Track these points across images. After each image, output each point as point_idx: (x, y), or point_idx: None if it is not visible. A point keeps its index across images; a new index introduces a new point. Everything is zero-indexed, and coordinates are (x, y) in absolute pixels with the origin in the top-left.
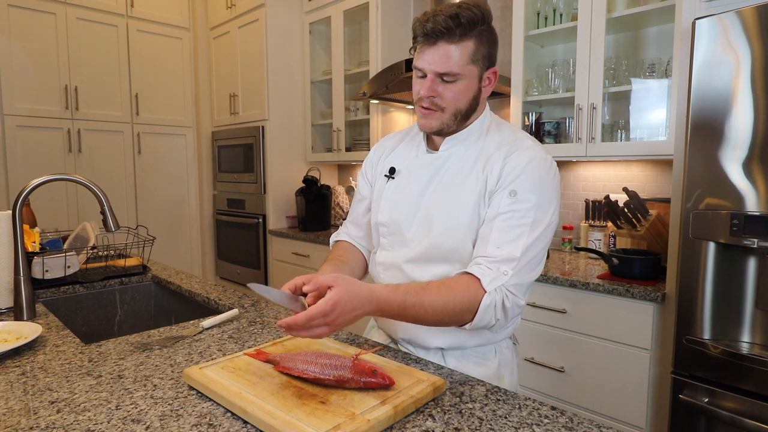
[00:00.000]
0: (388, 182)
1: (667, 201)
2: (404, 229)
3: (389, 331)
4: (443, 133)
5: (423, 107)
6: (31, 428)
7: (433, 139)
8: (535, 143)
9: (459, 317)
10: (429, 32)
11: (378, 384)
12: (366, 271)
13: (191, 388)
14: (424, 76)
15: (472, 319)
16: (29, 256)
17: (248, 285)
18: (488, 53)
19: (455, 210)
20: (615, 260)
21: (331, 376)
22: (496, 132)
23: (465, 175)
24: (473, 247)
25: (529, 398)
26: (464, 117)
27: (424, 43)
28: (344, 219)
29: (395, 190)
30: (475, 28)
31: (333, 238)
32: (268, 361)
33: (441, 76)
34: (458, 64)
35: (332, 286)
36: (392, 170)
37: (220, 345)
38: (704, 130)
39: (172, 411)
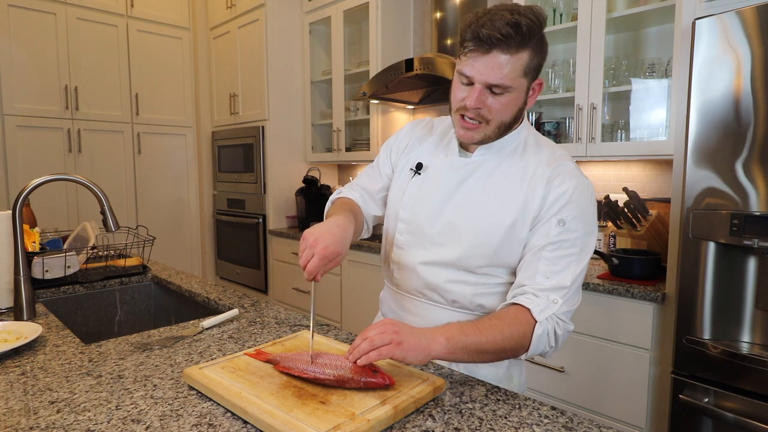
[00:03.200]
0: (414, 177)
1: (667, 201)
2: (425, 231)
3: None
4: (483, 143)
5: (467, 118)
6: (31, 428)
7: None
8: (575, 165)
9: (514, 350)
10: (485, 38)
11: (378, 384)
12: (359, 236)
13: (191, 388)
14: (470, 84)
15: (527, 350)
16: (29, 256)
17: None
18: (539, 65)
19: (487, 226)
20: (615, 260)
21: (331, 376)
22: (534, 149)
23: (499, 190)
24: (497, 264)
25: (529, 398)
26: (506, 129)
27: (476, 50)
28: None
29: (420, 187)
30: (534, 38)
31: (337, 194)
32: (268, 361)
33: (491, 87)
34: (510, 77)
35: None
36: (419, 166)
37: (220, 345)
38: (704, 130)
39: (172, 411)
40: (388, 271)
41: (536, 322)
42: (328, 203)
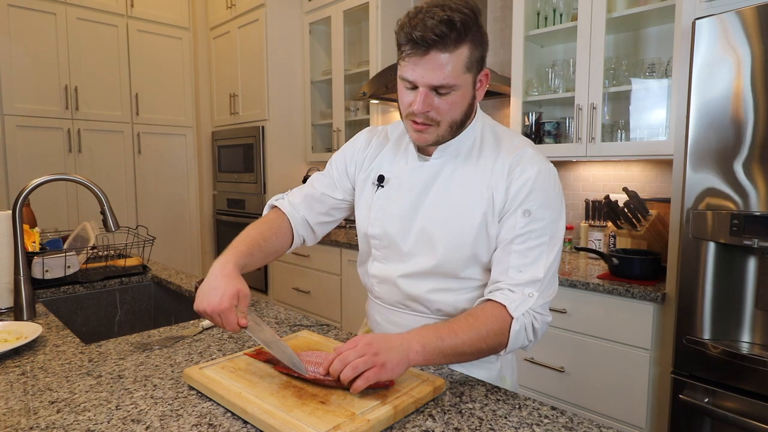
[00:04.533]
0: (378, 191)
1: (667, 201)
2: (399, 243)
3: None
4: (438, 144)
5: (416, 122)
6: (31, 428)
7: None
8: (536, 151)
9: (492, 349)
10: (419, 40)
11: (378, 384)
12: (280, 255)
13: (191, 388)
14: (414, 87)
15: (506, 346)
16: (29, 256)
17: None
18: (481, 57)
19: (459, 229)
20: (615, 260)
21: (330, 376)
22: (492, 140)
23: (465, 190)
24: (476, 265)
25: (529, 398)
26: (459, 126)
27: (413, 53)
28: (344, 218)
29: (386, 200)
30: (470, 32)
31: (275, 201)
32: (268, 361)
33: (435, 89)
34: (453, 75)
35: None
36: (381, 178)
37: (220, 345)
38: (704, 130)
39: (172, 411)
40: (369, 284)
41: (513, 318)
42: (266, 208)
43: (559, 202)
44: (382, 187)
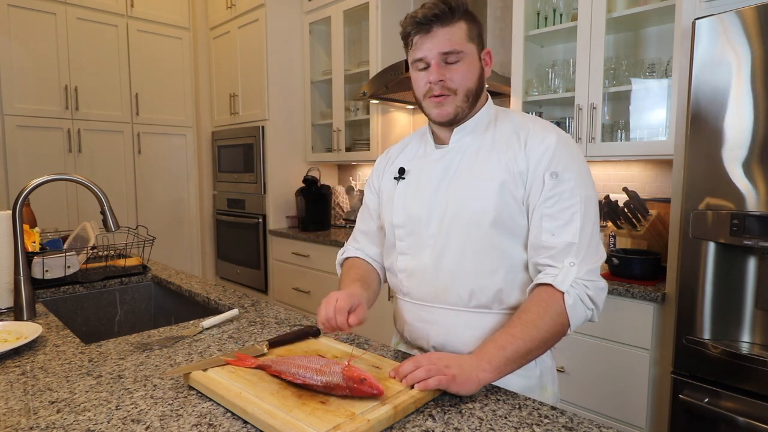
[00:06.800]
0: (399, 183)
1: (667, 201)
2: (423, 227)
3: (420, 343)
4: (457, 119)
5: (435, 95)
6: (31, 428)
7: (440, 135)
8: (550, 122)
9: (558, 333)
10: (422, 20)
11: (365, 393)
12: (378, 294)
13: (191, 388)
14: (426, 66)
15: (569, 324)
16: (29, 256)
17: None
18: (479, 33)
19: (479, 199)
20: (615, 260)
21: (319, 382)
22: (505, 118)
23: (482, 163)
24: (503, 233)
25: (529, 398)
26: (475, 98)
27: (418, 34)
28: (344, 218)
29: (407, 189)
30: (463, 9)
31: (342, 254)
32: (258, 367)
33: (445, 57)
34: (458, 42)
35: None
36: (401, 170)
37: (220, 345)
38: (704, 130)
39: (172, 411)
40: (396, 281)
41: (562, 292)
42: (337, 265)
43: (583, 165)
44: (403, 179)
